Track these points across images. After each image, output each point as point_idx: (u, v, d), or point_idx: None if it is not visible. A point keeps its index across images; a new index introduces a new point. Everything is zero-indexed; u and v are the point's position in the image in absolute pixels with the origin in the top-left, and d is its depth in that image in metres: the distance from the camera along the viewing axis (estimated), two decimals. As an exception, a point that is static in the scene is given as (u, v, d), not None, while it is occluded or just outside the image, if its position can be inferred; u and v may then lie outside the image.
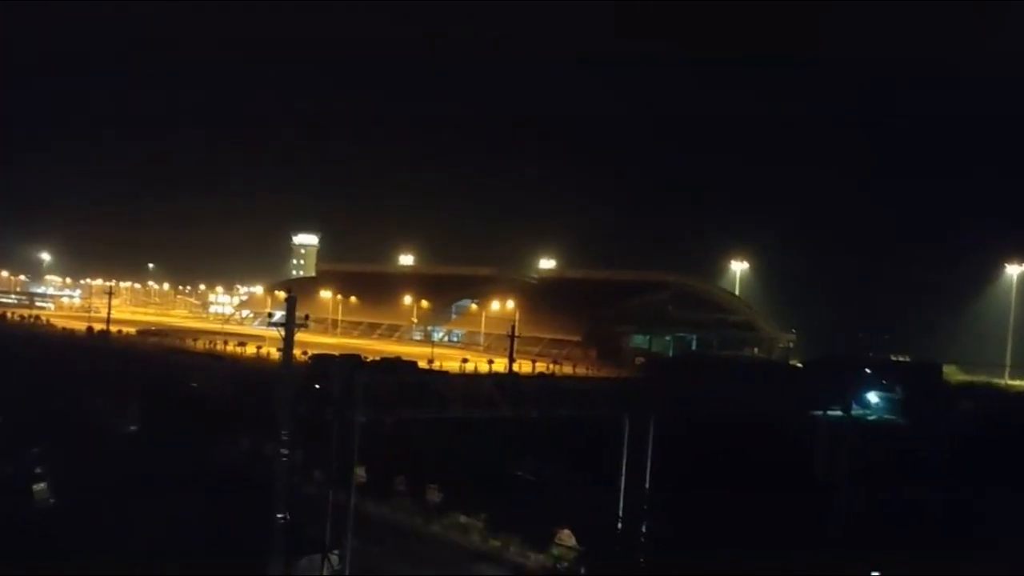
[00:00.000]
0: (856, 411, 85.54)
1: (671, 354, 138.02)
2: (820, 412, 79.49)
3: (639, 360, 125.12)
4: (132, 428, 68.04)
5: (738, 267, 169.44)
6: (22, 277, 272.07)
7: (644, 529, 40.39)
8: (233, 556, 34.73)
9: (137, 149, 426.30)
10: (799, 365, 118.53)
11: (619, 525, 41.05)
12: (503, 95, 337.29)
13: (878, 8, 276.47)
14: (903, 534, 42.87)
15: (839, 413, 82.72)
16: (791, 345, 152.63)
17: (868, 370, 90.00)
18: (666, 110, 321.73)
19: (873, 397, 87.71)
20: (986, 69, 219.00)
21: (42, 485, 45.56)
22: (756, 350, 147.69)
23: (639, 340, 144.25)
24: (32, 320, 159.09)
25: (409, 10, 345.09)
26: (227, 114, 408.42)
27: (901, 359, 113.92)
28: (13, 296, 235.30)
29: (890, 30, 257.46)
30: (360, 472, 44.68)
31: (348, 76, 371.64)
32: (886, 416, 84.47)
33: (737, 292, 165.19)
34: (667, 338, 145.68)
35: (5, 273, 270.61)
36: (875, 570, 38.65)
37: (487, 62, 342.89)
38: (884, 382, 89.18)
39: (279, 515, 34.48)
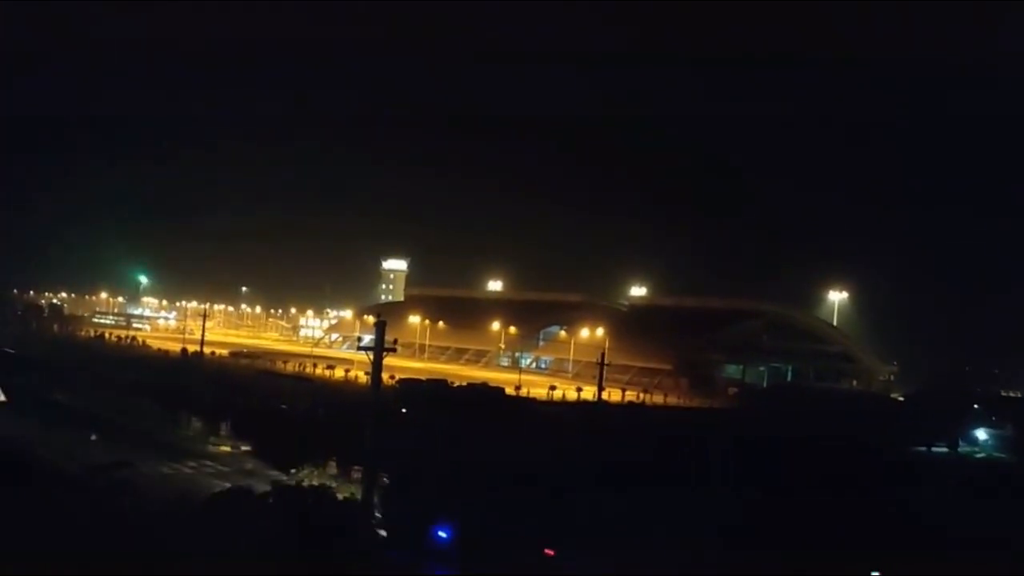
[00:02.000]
0: (963, 448, 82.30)
1: (765, 385, 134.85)
2: (923, 448, 76.54)
3: (732, 390, 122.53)
4: (224, 448, 69.00)
5: (836, 296, 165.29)
6: (120, 299, 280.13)
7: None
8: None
9: (231, 177, 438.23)
10: (900, 398, 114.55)
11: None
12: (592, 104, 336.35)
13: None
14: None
15: (944, 449, 79.66)
16: (892, 378, 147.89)
17: (976, 405, 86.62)
18: (767, 137, 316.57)
19: (981, 434, 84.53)
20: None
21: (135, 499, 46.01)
22: (855, 382, 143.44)
23: (732, 370, 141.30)
24: (129, 341, 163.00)
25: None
26: (322, 142, 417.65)
27: (1011, 394, 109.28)
28: (111, 317, 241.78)
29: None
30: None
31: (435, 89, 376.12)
32: (995, 454, 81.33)
33: (835, 322, 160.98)
34: (761, 368, 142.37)
35: (104, 295, 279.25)
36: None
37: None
38: (994, 418, 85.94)
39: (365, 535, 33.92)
